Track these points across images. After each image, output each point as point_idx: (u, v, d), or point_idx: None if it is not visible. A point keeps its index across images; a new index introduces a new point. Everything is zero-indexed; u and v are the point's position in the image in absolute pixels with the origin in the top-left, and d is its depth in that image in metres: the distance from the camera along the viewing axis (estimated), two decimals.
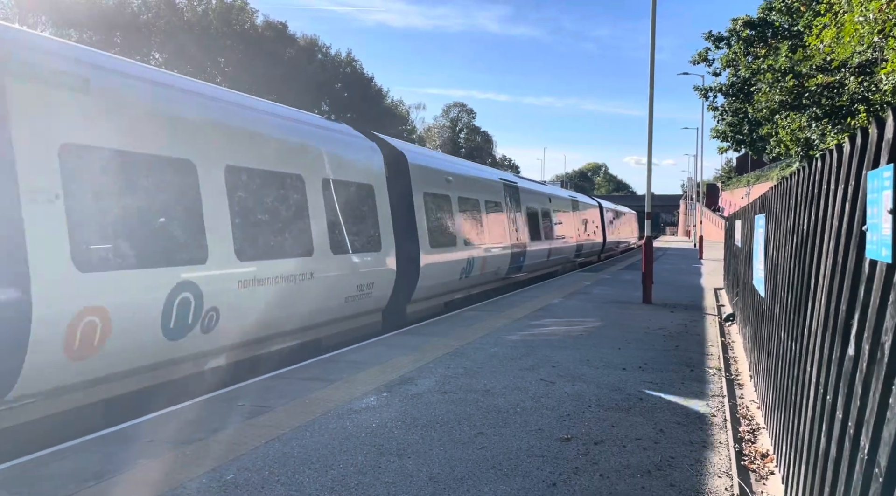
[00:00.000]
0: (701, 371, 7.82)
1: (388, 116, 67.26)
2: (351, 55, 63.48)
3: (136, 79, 6.57)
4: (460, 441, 5.17)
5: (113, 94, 6.12)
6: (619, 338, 9.91)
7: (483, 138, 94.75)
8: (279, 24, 54.60)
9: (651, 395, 6.63)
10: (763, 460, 5.01)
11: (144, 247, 6.14)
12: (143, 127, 6.37)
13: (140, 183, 6.25)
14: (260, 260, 7.73)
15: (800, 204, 4.10)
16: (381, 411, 5.94)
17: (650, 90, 14.99)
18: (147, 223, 6.23)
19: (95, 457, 4.77)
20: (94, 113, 5.84)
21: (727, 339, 10.43)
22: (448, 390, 6.69)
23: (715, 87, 25.28)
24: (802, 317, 3.82)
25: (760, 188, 50.21)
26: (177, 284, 6.44)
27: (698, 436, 5.42)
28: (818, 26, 14.49)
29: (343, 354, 8.53)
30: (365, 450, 4.95)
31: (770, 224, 5.88)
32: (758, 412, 6.27)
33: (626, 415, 5.96)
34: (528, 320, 11.55)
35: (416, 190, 12.66)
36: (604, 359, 8.36)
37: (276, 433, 5.31)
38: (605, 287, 17.99)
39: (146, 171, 6.34)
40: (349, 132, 10.98)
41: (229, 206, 7.31)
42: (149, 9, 44.65)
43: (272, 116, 8.79)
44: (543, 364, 7.99)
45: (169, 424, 5.54)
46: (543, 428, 5.53)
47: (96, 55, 6.36)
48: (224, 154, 7.39)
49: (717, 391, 6.91)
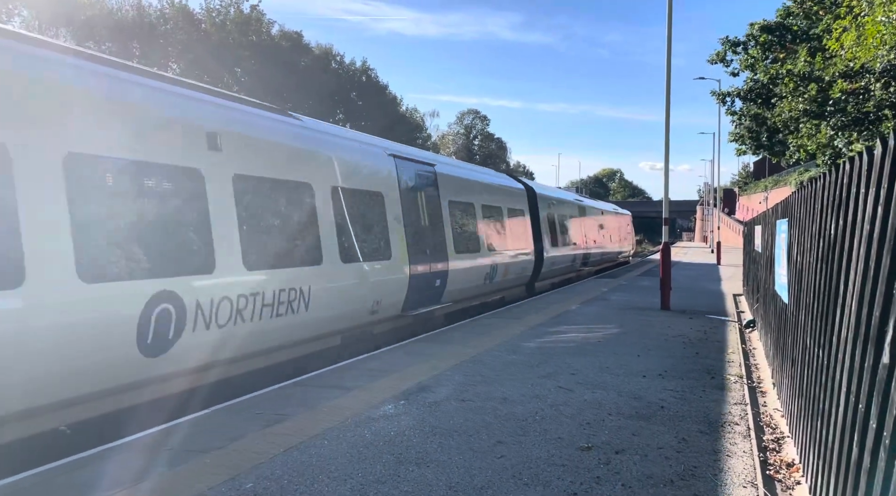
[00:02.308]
0: (722, 378, 7.70)
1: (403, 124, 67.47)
2: (366, 63, 63.84)
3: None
4: (479, 450, 5.12)
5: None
6: (637, 345, 9.81)
7: (497, 145, 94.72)
8: (294, 34, 55.04)
9: (672, 403, 6.54)
10: (789, 470, 4.91)
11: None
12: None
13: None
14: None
15: (826, 208, 4.02)
16: (399, 419, 5.90)
17: (666, 97, 14.89)
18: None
19: (115, 465, 4.78)
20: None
21: (748, 346, 10.28)
22: (466, 398, 6.64)
23: (733, 92, 25.06)
24: (830, 324, 3.74)
25: (778, 193, 49.70)
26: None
27: (721, 444, 5.32)
28: (838, 30, 14.32)
29: (360, 362, 8.51)
30: (383, 458, 4.91)
31: (793, 229, 5.78)
32: (782, 420, 6.15)
33: (647, 423, 5.87)
34: (546, 327, 11.47)
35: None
36: (623, 366, 8.27)
37: (294, 441, 5.29)
38: (622, 293, 17.85)
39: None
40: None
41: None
42: (166, 20, 45.22)
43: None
44: (562, 371, 7.91)
45: (188, 432, 5.53)
46: (563, 436, 5.46)
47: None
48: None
49: (740, 399, 6.80)
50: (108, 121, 5.94)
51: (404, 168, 11.60)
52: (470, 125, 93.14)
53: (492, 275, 15.22)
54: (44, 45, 5.76)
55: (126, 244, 5.88)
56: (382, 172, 10.79)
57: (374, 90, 63.45)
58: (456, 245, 13.11)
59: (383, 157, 11.07)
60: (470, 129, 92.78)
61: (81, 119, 5.67)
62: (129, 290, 5.78)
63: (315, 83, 52.59)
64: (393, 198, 10.88)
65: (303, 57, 54.72)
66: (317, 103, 49.88)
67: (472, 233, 14.30)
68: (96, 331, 5.50)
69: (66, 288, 5.26)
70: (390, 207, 10.74)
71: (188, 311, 6.39)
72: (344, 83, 59.29)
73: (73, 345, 5.32)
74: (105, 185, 5.78)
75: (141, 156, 6.15)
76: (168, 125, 6.60)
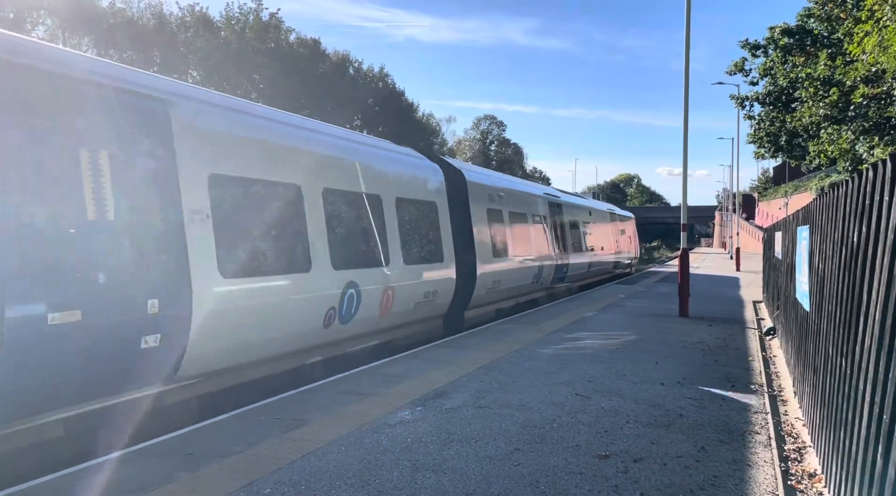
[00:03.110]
0: (742, 386, 7.62)
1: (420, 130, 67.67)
2: (383, 70, 64.15)
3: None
4: (496, 457, 5.11)
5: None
6: (655, 352, 9.73)
7: (513, 150, 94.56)
8: (312, 41, 55.47)
9: (691, 412, 6.48)
10: (811, 480, 4.84)
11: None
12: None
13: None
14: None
15: (849, 215, 3.97)
16: (416, 426, 5.90)
17: (685, 102, 14.80)
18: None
19: (136, 469, 4.83)
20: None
21: (768, 354, 10.16)
22: (483, 405, 6.62)
23: (752, 96, 24.83)
24: (853, 333, 3.69)
25: (799, 198, 49.12)
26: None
27: (742, 454, 5.26)
28: (859, 34, 14.14)
29: (377, 368, 8.53)
30: (400, 465, 4.92)
31: (815, 236, 5.72)
32: (803, 429, 6.07)
33: (666, 431, 5.82)
34: (562, 333, 11.42)
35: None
36: (641, 373, 8.21)
37: (312, 447, 5.31)
38: (639, 300, 17.73)
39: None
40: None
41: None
42: (187, 28, 45.79)
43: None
44: (579, 378, 7.87)
45: (208, 437, 5.58)
46: (581, 444, 5.43)
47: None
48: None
49: (760, 407, 6.72)
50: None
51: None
52: (486, 130, 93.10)
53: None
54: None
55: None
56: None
57: (390, 96, 63.71)
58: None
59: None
60: (486, 135, 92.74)
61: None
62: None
63: (332, 89, 52.93)
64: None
65: (320, 64, 55.10)
66: (334, 109, 50.16)
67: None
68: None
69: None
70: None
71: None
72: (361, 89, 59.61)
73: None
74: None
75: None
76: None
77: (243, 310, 6.88)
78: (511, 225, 15.24)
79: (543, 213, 17.81)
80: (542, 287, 17.55)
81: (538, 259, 16.69)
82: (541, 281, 17.18)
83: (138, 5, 44.27)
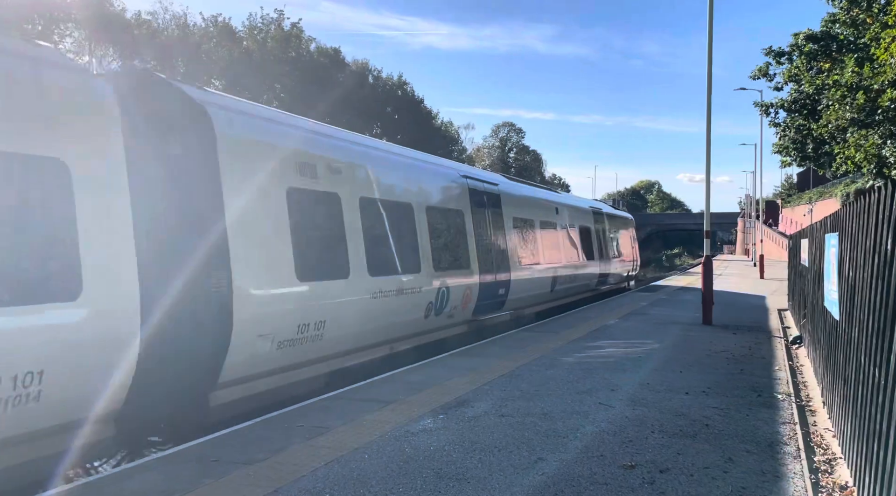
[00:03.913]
0: (769, 396, 7.49)
1: (439, 137, 67.86)
2: (402, 78, 64.50)
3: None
4: (520, 466, 5.07)
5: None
6: (679, 360, 9.61)
7: (532, 157, 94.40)
8: (332, 50, 55.97)
9: (717, 421, 6.38)
10: (842, 492, 4.74)
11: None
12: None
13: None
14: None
15: (881, 223, 3.90)
16: (439, 434, 5.88)
17: (707, 109, 14.67)
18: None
19: (162, 475, 4.86)
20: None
21: (795, 363, 9.99)
22: (505, 413, 6.58)
23: (776, 103, 24.50)
24: (888, 342, 3.61)
25: (823, 205, 48.39)
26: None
27: (770, 465, 5.17)
28: (886, 39, 13.92)
29: (399, 375, 8.53)
30: (424, 473, 4.90)
31: (844, 243, 5.62)
32: (833, 441, 5.95)
33: (692, 441, 5.74)
34: (584, 342, 11.33)
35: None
36: (665, 382, 8.11)
37: (335, 455, 5.31)
38: (662, 307, 17.55)
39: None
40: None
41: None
42: (210, 38, 46.46)
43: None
44: (602, 387, 7.80)
45: (232, 444, 5.61)
46: (605, 454, 5.37)
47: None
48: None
49: (788, 418, 6.60)
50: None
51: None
52: (505, 138, 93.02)
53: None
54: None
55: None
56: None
57: (409, 104, 64.03)
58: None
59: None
60: (505, 142, 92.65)
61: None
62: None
63: (352, 98, 53.30)
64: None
65: (340, 72, 55.57)
66: (354, 117, 50.48)
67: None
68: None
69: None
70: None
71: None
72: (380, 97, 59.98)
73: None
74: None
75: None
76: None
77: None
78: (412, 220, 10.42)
79: (449, 204, 11.82)
80: (451, 323, 11.64)
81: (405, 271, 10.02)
82: (447, 312, 11.26)
83: (163, 16, 45.06)
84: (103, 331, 5.22)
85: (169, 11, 45.49)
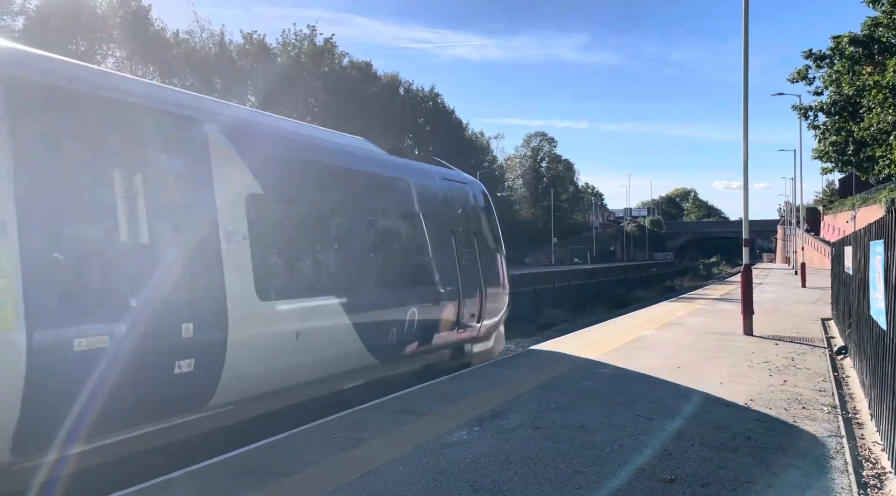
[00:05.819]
0: (814, 408, 7.27)
1: (470, 148, 68.02)
2: (433, 90, 64.93)
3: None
4: (556, 479, 5.00)
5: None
6: (719, 372, 9.40)
7: (564, 166, 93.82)
8: (364, 64, 56.66)
9: (760, 434, 6.21)
10: None
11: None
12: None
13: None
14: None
15: None
16: (474, 446, 5.84)
17: (744, 114, 14.42)
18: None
19: (200, 487, 4.93)
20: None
21: (840, 374, 9.69)
22: (541, 425, 6.52)
23: (816, 106, 23.95)
24: None
25: (867, 211, 46.99)
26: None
27: (817, 480, 5.00)
28: None
29: (432, 386, 8.52)
30: (459, 486, 4.87)
31: (891, 250, 5.44)
32: (882, 455, 5.74)
33: (734, 455, 5.59)
34: (619, 352, 11.17)
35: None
36: (705, 394, 7.94)
37: (370, 466, 5.31)
38: (700, 317, 17.23)
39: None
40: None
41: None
42: (246, 55, 47.48)
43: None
44: (639, 399, 7.66)
45: (269, 455, 5.66)
46: (644, 467, 5.27)
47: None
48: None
49: (834, 431, 6.39)
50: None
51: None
52: (537, 147, 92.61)
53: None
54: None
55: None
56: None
57: (440, 116, 64.40)
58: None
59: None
60: (537, 152, 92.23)
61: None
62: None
63: (384, 110, 53.85)
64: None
65: (372, 85, 56.20)
66: (385, 130, 50.95)
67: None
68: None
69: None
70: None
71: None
72: (411, 109, 60.46)
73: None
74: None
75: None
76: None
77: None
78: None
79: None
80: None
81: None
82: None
83: (201, 35, 46.21)
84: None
85: (206, 30, 46.66)
